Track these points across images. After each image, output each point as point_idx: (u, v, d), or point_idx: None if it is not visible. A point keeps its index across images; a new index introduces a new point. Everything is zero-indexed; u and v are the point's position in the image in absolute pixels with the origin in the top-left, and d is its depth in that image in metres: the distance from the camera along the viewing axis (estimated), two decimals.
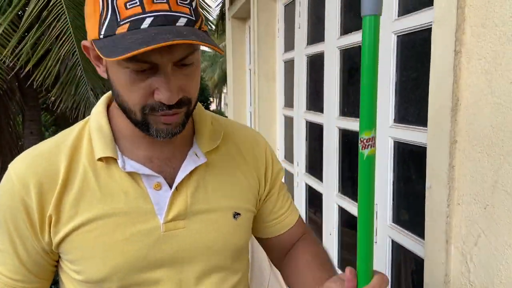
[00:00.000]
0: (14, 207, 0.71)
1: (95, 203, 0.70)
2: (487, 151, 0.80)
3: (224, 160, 0.80)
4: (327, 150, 1.93)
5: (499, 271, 0.78)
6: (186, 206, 0.74)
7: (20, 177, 0.71)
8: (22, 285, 0.75)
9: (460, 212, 0.88)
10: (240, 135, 0.86)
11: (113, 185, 0.71)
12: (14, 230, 0.72)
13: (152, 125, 0.67)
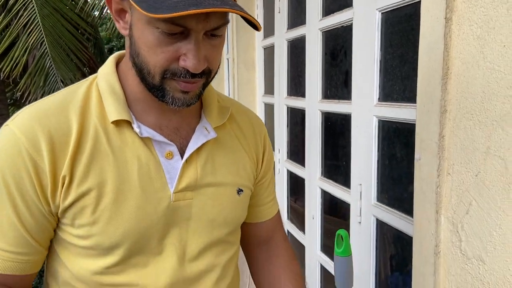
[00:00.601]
0: (19, 167, 0.64)
1: (108, 167, 0.68)
2: (479, 118, 0.80)
3: (230, 138, 0.81)
4: (310, 134, 1.92)
5: (493, 237, 0.78)
6: (196, 178, 0.74)
7: (27, 133, 0.65)
8: (24, 258, 0.68)
9: (450, 182, 0.88)
10: (242, 116, 0.86)
11: (126, 150, 0.69)
12: (17, 194, 0.65)
13: (169, 92, 0.66)
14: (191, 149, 0.73)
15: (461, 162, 0.85)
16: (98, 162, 0.67)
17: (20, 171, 0.64)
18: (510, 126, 0.73)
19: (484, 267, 0.80)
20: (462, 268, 0.85)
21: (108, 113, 0.69)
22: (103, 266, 0.70)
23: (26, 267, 0.69)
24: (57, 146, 0.66)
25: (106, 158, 0.68)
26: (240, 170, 0.80)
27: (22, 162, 0.64)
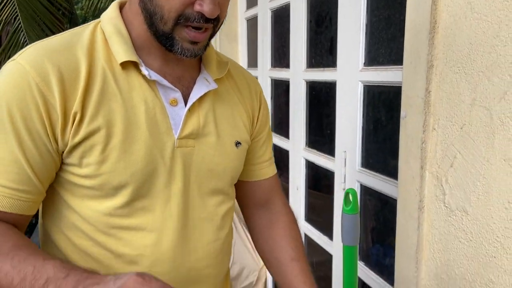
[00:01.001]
0: (28, 102, 0.62)
1: (117, 107, 0.68)
2: (465, 70, 0.80)
3: (228, 92, 0.82)
4: (294, 105, 1.91)
5: (476, 187, 0.79)
6: (199, 126, 0.75)
7: (37, 67, 0.63)
8: (25, 196, 0.66)
9: (436, 137, 0.89)
10: (238, 74, 0.87)
11: (133, 92, 0.69)
12: (24, 129, 0.63)
13: (178, 42, 0.67)
14: (194, 97, 0.74)
15: (446, 116, 0.85)
16: (107, 102, 0.67)
17: (29, 105, 0.63)
18: (496, 76, 0.73)
19: (467, 217, 0.82)
20: (445, 221, 0.87)
21: (116, 55, 0.69)
22: (111, 207, 0.69)
23: (26, 206, 0.67)
24: (67, 82, 0.65)
25: (115, 99, 0.68)
26: (238, 124, 0.82)
27: (31, 96, 0.63)
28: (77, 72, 0.66)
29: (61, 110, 0.64)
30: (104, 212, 0.70)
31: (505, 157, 0.73)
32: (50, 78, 0.63)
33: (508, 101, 0.72)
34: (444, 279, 0.88)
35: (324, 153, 1.69)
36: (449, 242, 0.87)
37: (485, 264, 0.78)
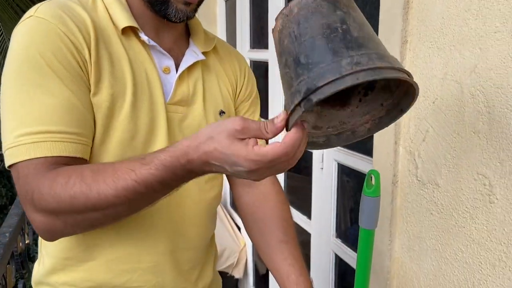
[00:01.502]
0: (62, 48, 0.64)
1: (126, 68, 0.71)
2: (437, 44, 0.81)
3: (215, 65, 0.86)
4: (273, 86, 1.91)
5: (447, 160, 0.81)
6: (188, 94, 0.79)
7: (59, 19, 0.65)
8: (86, 140, 0.67)
9: (409, 112, 0.90)
10: (224, 50, 0.90)
11: (136, 57, 0.73)
12: (67, 72, 0.64)
13: (173, 4, 0.70)
14: (184, 66, 0.78)
15: (420, 91, 0.86)
16: (118, 62, 0.70)
17: (64, 52, 0.64)
18: (467, 49, 0.74)
19: (438, 190, 0.84)
20: (418, 194, 0.89)
21: (118, 21, 0.71)
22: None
23: (86, 150, 0.68)
24: (86, 35, 0.67)
25: (124, 60, 0.71)
26: (223, 94, 0.86)
27: (63, 44, 0.64)
28: (86, 25, 0.68)
29: (89, 58, 0.67)
30: None
31: (474, 130, 0.74)
32: (74, 29, 0.66)
33: (478, 74, 0.73)
34: (416, 251, 0.91)
35: None
36: (421, 215, 0.89)
37: (455, 235, 0.81)
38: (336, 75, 0.45)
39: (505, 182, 0.69)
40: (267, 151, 0.51)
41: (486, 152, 0.72)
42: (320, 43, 0.48)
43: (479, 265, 0.76)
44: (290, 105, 0.49)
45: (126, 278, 0.78)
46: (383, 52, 0.49)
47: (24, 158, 0.61)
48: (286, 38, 0.51)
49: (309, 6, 0.49)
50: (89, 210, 0.61)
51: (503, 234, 0.71)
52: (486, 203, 0.73)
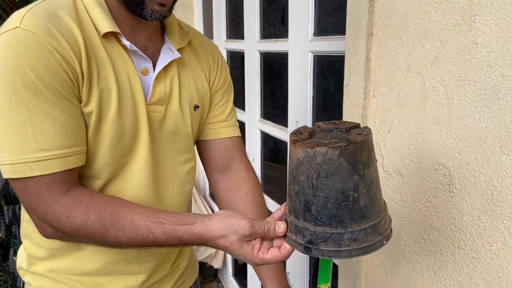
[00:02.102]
0: (53, 64, 0.64)
1: (110, 74, 0.72)
2: (401, 37, 0.82)
3: (190, 59, 0.88)
4: (249, 76, 1.91)
5: (410, 150, 0.83)
6: (166, 93, 0.81)
7: (46, 32, 0.64)
8: (82, 149, 0.71)
9: (375, 104, 0.91)
10: (198, 42, 0.92)
11: (119, 61, 0.74)
12: (61, 89, 0.66)
13: (148, 5, 0.71)
14: (160, 67, 0.79)
15: (385, 83, 0.88)
16: (102, 68, 0.71)
17: (56, 68, 0.65)
18: (428, 42, 0.76)
19: (402, 180, 0.85)
20: (383, 184, 0.91)
21: (99, 26, 0.71)
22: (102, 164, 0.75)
23: (83, 157, 0.72)
24: (74, 46, 0.67)
25: (108, 66, 0.72)
26: (198, 88, 0.88)
27: (54, 59, 0.65)
28: (76, 38, 0.68)
29: (80, 71, 0.68)
30: (96, 168, 0.75)
31: (435, 121, 0.76)
32: (62, 42, 0.66)
33: (439, 67, 0.74)
34: None
35: (278, 124, 1.71)
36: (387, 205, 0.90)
37: (418, 223, 0.83)
38: (336, 246, 0.57)
39: (463, 172, 0.71)
40: (269, 259, 0.66)
41: (446, 143, 0.74)
42: (332, 207, 0.56)
43: (440, 252, 0.78)
44: (291, 220, 0.62)
45: (111, 268, 0.83)
46: (378, 217, 0.60)
47: (31, 175, 0.66)
48: (303, 176, 0.57)
49: (332, 163, 0.55)
50: (102, 243, 0.71)
51: (462, 222, 0.73)
52: (447, 193, 0.75)
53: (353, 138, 0.56)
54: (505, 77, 0.63)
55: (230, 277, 2.51)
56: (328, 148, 0.54)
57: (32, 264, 0.84)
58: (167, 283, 0.93)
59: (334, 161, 0.54)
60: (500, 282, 0.67)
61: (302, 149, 0.56)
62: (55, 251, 0.81)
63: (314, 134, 0.62)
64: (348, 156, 0.54)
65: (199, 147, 0.98)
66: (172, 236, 0.68)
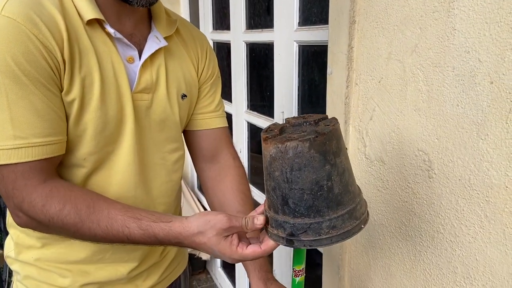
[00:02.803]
0: (33, 52, 0.64)
1: (93, 62, 0.71)
2: (382, 24, 0.82)
3: (177, 48, 0.87)
4: (235, 68, 1.90)
5: (391, 137, 0.83)
6: (152, 81, 0.80)
7: (28, 19, 0.63)
8: (61, 138, 0.70)
9: (357, 92, 0.92)
10: (186, 31, 0.91)
11: (103, 49, 0.73)
12: (41, 77, 0.65)
13: None
14: (146, 54, 0.78)
15: (367, 71, 0.88)
16: (85, 56, 0.70)
17: (36, 56, 0.64)
18: (408, 29, 0.76)
19: (384, 167, 0.86)
20: (366, 171, 0.92)
21: (83, 13, 0.70)
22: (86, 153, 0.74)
23: (62, 147, 0.71)
24: (56, 34, 0.66)
25: (91, 54, 0.71)
26: (186, 77, 0.88)
27: (34, 47, 0.64)
28: (58, 26, 0.67)
29: (61, 59, 0.67)
30: (80, 157, 0.74)
31: (415, 108, 0.77)
32: (43, 29, 0.65)
33: (419, 54, 0.75)
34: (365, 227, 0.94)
35: (264, 115, 1.71)
36: (369, 191, 0.92)
37: (398, 209, 0.84)
38: (316, 236, 0.58)
39: (442, 158, 0.72)
40: (248, 254, 0.65)
41: (425, 129, 0.75)
42: (308, 199, 0.58)
43: (419, 237, 0.79)
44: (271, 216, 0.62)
45: (99, 256, 0.83)
46: (354, 203, 0.61)
47: (7, 162, 0.65)
48: (278, 171, 0.58)
49: (304, 156, 0.56)
50: (75, 235, 0.70)
51: (441, 207, 0.74)
52: (426, 178, 0.76)
53: (321, 129, 0.58)
54: (482, 62, 0.64)
55: (218, 269, 2.52)
56: (298, 142, 0.55)
57: (20, 252, 0.83)
58: (155, 272, 0.93)
59: (305, 154, 0.55)
60: (478, 265, 0.68)
61: (273, 146, 0.57)
62: (43, 240, 0.80)
63: (284, 130, 0.63)
64: (318, 147, 0.56)
65: (186, 137, 0.98)
66: (147, 233, 0.67)
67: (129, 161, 0.79)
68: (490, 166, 0.64)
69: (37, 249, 0.81)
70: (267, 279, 0.87)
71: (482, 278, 0.68)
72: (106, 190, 0.78)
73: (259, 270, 0.87)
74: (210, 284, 2.61)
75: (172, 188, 0.91)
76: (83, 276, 0.82)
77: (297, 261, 0.70)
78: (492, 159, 0.64)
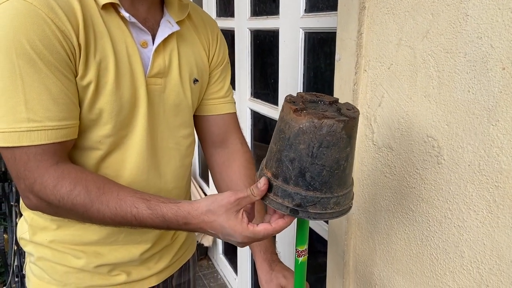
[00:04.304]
0: (49, 36, 0.64)
1: (108, 46, 0.72)
2: (393, 10, 0.82)
3: (189, 33, 0.88)
4: (239, 54, 1.89)
5: (400, 124, 0.84)
6: (165, 66, 0.81)
7: (44, 3, 0.64)
8: (73, 123, 0.70)
9: (366, 78, 0.92)
10: (197, 16, 0.92)
11: (117, 33, 0.73)
12: (55, 61, 0.66)
13: None
14: (159, 39, 0.79)
15: (376, 57, 0.88)
16: (100, 40, 0.71)
17: (51, 40, 0.64)
18: (420, 15, 0.76)
19: (392, 153, 0.87)
20: (373, 158, 0.92)
21: None
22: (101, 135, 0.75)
23: (75, 131, 0.72)
24: (71, 18, 0.66)
25: (106, 38, 0.71)
26: (197, 62, 0.89)
27: (50, 31, 0.64)
28: (74, 10, 0.67)
29: (77, 44, 0.67)
30: (95, 139, 0.75)
31: (425, 94, 0.77)
32: (60, 14, 0.65)
33: (430, 39, 0.75)
34: (371, 212, 0.95)
35: (268, 103, 1.71)
36: (376, 177, 0.92)
37: (406, 195, 0.85)
38: (322, 209, 0.61)
39: (451, 144, 0.73)
40: (260, 230, 0.65)
41: (435, 115, 0.75)
42: (326, 175, 0.60)
43: (427, 222, 0.80)
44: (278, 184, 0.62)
45: (113, 238, 0.84)
46: (352, 184, 0.66)
47: (20, 144, 0.65)
48: (303, 144, 0.59)
49: (335, 135, 0.58)
50: (83, 217, 0.70)
51: (449, 192, 0.75)
52: (435, 164, 0.77)
53: (348, 114, 0.60)
54: (494, 48, 0.64)
55: (220, 255, 2.55)
56: (335, 121, 0.57)
57: (34, 234, 0.84)
58: (167, 255, 0.94)
59: (337, 133, 0.58)
60: (485, 249, 0.69)
61: (307, 119, 0.58)
62: (58, 222, 0.81)
63: (306, 105, 0.63)
64: (348, 130, 0.59)
65: (196, 122, 0.99)
66: (155, 213, 0.67)
67: (142, 145, 0.80)
68: (500, 151, 0.65)
69: (52, 231, 0.82)
70: (272, 260, 0.89)
71: (489, 262, 0.69)
72: (119, 173, 0.79)
73: (265, 252, 0.89)
74: (212, 270, 2.64)
75: (184, 173, 0.92)
76: (97, 258, 0.83)
77: (300, 241, 0.71)
78: (503, 145, 0.64)
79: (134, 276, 0.88)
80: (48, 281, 0.84)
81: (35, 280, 0.85)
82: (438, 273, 0.79)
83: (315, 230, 1.44)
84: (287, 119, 0.60)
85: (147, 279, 0.91)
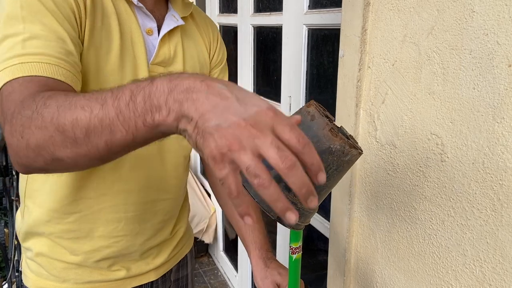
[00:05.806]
0: None
1: (115, 26, 0.72)
2: (398, 6, 0.82)
3: (192, 30, 0.90)
4: (242, 51, 1.89)
5: (403, 121, 0.83)
6: (170, 56, 0.82)
7: None
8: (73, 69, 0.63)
9: (370, 75, 0.91)
10: (199, 16, 0.94)
11: (124, 17, 0.74)
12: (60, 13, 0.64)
13: None
14: (165, 29, 0.80)
15: (380, 54, 0.88)
16: (107, 19, 0.72)
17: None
18: (425, 11, 0.75)
19: (395, 150, 0.86)
20: (376, 155, 0.92)
21: None
22: None
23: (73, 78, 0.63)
24: None
25: (113, 18, 0.72)
26: (200, 59, 0.90)
27: None
28: None
29: (84, 10, 0.67)
30: None
31: (429, 91, 0.76)
32: None
33: (435, 36, 0.74)
34: (373, 210, 0.95)
35: (271, 100, 1.70)
36: (378, 175, 0.92)
37: (409, 193, 0.84)
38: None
39: (455, 141, 0.72)
40: None
41: (439, 113, 0.75)
42: (323, 194, 0.62)
43: (429, 220, 0.80)
44: None
45: (112, 227, 0.83)
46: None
47: (9, 79, 0.56)
48: (325, 163, 0.56)
49: (351, 162, 0.59)
50: (55, 133, 0.49)
51: (453, 190, 0.74)
52: (438, 162, 0.76)
53: (356, 145, 0.62)
54: (500, 45, 0.63)
55: (220, 252, 2.55)
56: (357, 152, 0.59)
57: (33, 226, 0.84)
58: (165, 250, 0.94)
59: (352, 162, 0.60)
60: (488, 248, 0.69)
61: (340, 143, 0.58)
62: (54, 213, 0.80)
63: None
64: (357, 160, 0.61)
65: None
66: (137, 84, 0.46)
67: None
68: (505, 149, 0.64)
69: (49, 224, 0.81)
70: (267, 258, 0.90)
71: (492, 261, 0.68)
72: (121, 158, 0.78)
73: (260, 250, 0.90)
74: (212, 267, 2.64)
75: (182, 162, 0.93)
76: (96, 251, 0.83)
77: (294, 238, 0.71)
78: (508, 143, 0.64)
79: (133, 271, 0.88)
80: (46, 277, 0.84)
81: (33, 276, 0.85)
82: (440, 272, 0.78)
83: (316, 228, 1.44)
84: (319, 133, 0.58)
85: (146, 274, 0.91)
